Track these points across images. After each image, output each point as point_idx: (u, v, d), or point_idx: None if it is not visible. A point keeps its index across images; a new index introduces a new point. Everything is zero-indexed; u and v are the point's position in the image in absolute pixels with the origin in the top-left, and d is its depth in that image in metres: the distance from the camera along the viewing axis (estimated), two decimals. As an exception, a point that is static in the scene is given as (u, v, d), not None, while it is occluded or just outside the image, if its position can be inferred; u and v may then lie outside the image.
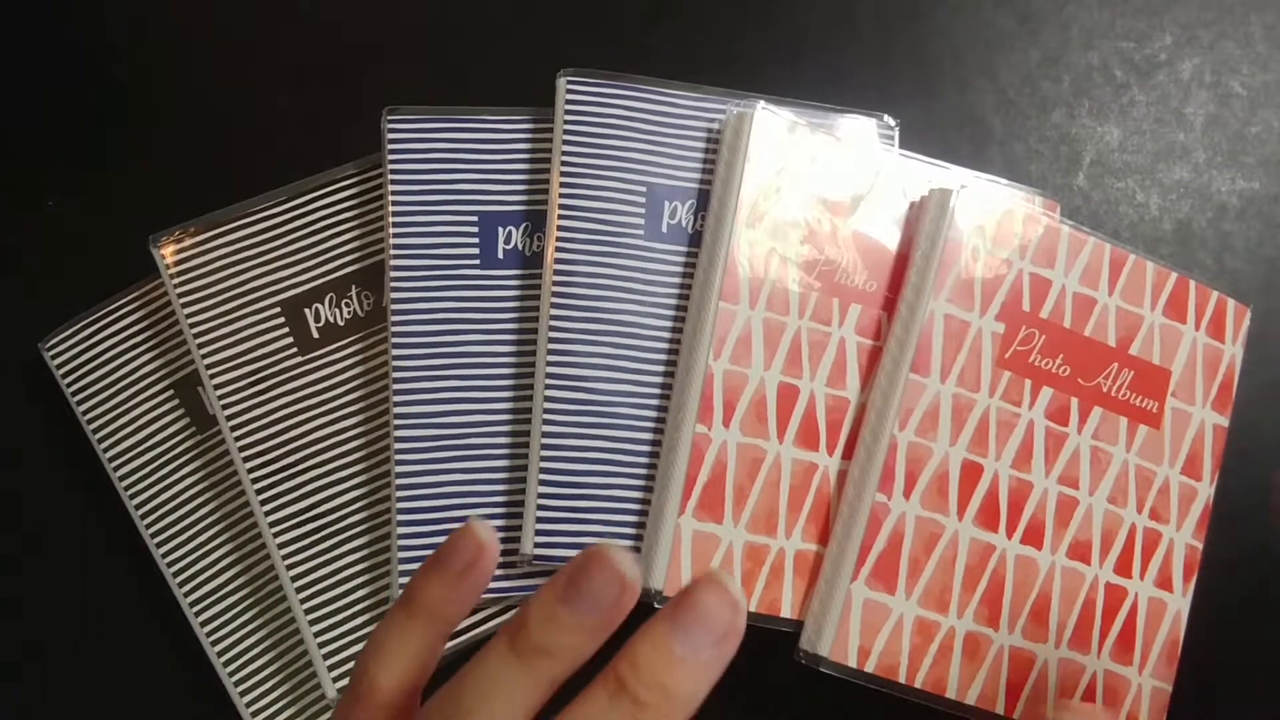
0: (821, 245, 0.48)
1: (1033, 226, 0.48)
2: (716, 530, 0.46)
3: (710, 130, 0.50)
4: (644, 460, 0.48)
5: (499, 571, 0.48)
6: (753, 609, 0.46)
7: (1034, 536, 0.47)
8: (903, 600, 0.46)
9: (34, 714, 0.51)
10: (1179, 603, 0.48)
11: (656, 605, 0.46)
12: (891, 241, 0.49)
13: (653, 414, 0.48)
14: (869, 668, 0.45)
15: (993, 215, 0.47)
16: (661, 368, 0.48)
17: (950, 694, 0.46)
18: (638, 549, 0.47)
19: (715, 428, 0.46)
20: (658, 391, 0.48)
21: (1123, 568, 0.48)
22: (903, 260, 0.48)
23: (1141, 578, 0.48)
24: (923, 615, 0.46)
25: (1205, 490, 0.49)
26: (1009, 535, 0.47)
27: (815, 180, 0.48)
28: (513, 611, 0.49)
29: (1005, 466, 0.47)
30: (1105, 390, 0.48)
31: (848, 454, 0.47)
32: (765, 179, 0.48)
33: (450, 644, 0.48)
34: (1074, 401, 0.48)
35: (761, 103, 0.49)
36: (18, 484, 0.53)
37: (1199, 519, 0.49)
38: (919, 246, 0.48)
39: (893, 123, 0.52)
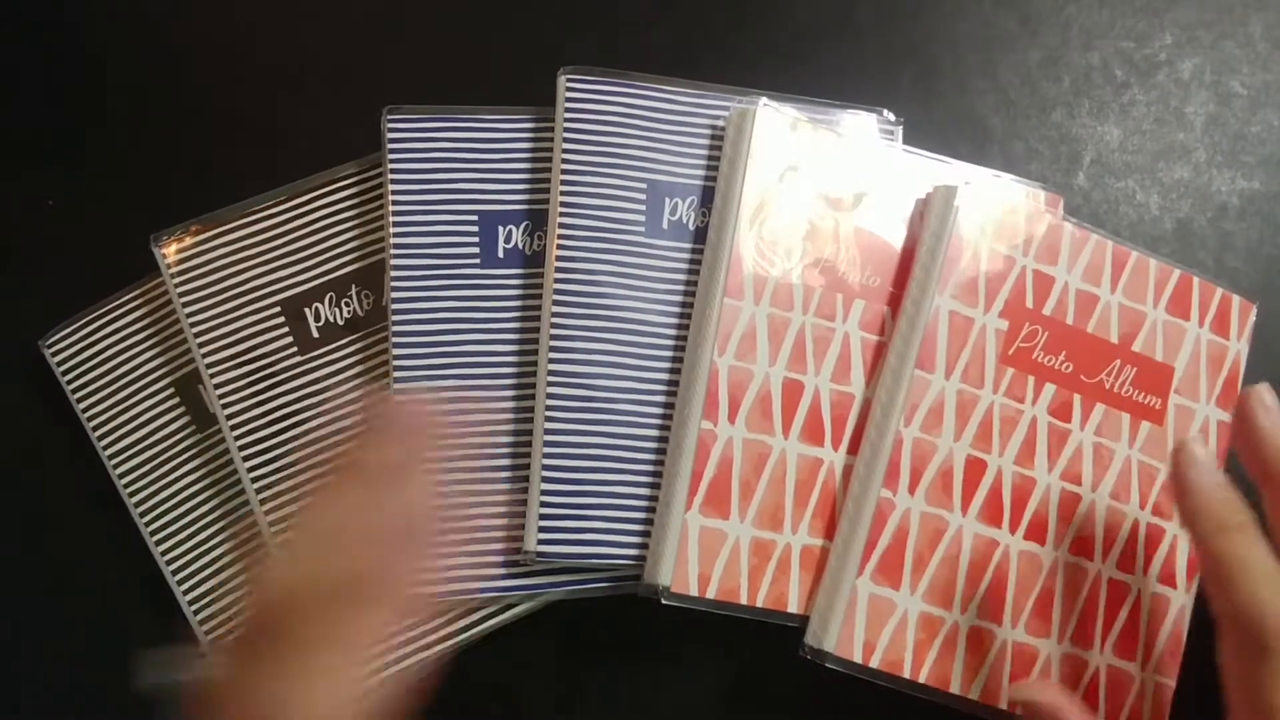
0: (824, 241, 0.48)
1: (1036, 223, 0.48)
2: (723, 526, 0.46)
3: (710, 127, 0.50)
4: (647, 456, 0.48)
5: (501, 570, 0.48)
6: (759, 604, 0.46)
7: (1037, 532, 0.47)
8: (907, 596, 0.45)
9: (31, 711, 0.51)
10: (1182, 599, 0.48)
11: (663, 602, 0.45)
12: (894, 237, 0.49)
13: (655, 410, 0.48)
14: (874, 663, 0.45)
15: (996, 212, 0.47)
16: (664, 364, 0.48)
17: (954, 689, 0.45)
18: (644, 545, 0.47)
19: (721, 423, 0.46)
20: (660, 387, 0.48)
21: (1125, 563, 0.48)
22: (907, 257, 0.48)
23: (1144, 573, 0.48)
24: (927, 610, 0.46)
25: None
26: (1012, 531, 0.47)
27: (818, 176, 0.48)
28: (512, 612, 0.49)
29: (1009, 463, 0.47)
30: (1108, 387, 0.48)
31: (853, 449, 0.47)
32: (768, 175, 0.48)
33: (449, 642, 0.48)
34: (1076, 398, 0.48)
35: (764, 99, 0.49)
36: (17, 481, 0.53)
37: None
38: (924, 244, 0.48)
39: (894, 119, 0.52)
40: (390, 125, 0.50)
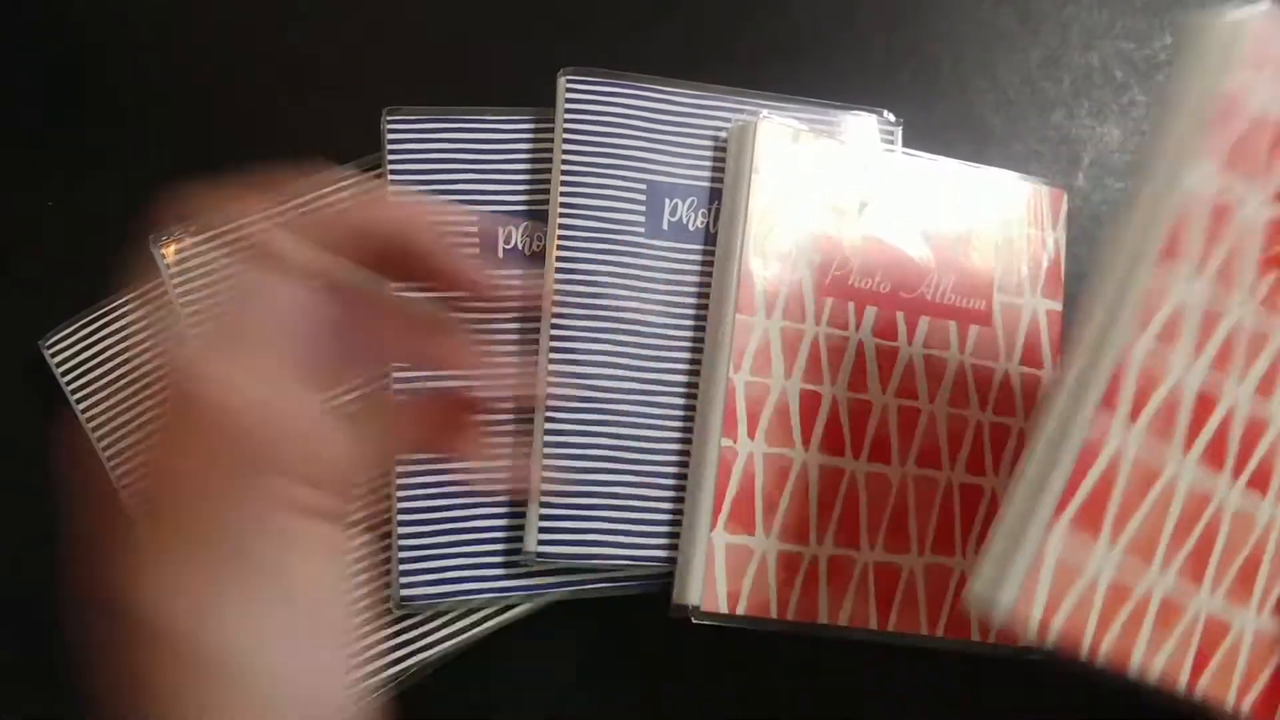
0: (832, 250, 0.48)
1: None
2: (749, 542, 0.46)
3: (710, 127, 0.51)
4: (647, 457, 0.48)
5: (500, 571, 0.48)
6: (789, 617, 0.46)
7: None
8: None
9: (31, 712, 0.51)
10: None
11: (694, 621, 0.45)
12: (901, 241, 0.49)
13: (656, 410, 0.48)
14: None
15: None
16: (664, 363, 0.48)
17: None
18: (643, 544, 0.47)
19: (740, 440, 0.46)
20: (660, 387, 0.48)
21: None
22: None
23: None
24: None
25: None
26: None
27: (823, 186, 0.49)
28: (511, 613, 0.49)
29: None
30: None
31: (875, 456, 0.48)
32: (773, 189, 0.48)
33: (450, 643, 0.48)
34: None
35: (764, 112, 0.49)
36: (16, 481, 0.52)
37: None
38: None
39: (894, 119, 0.52)
40: (390, 126, 0.50)
